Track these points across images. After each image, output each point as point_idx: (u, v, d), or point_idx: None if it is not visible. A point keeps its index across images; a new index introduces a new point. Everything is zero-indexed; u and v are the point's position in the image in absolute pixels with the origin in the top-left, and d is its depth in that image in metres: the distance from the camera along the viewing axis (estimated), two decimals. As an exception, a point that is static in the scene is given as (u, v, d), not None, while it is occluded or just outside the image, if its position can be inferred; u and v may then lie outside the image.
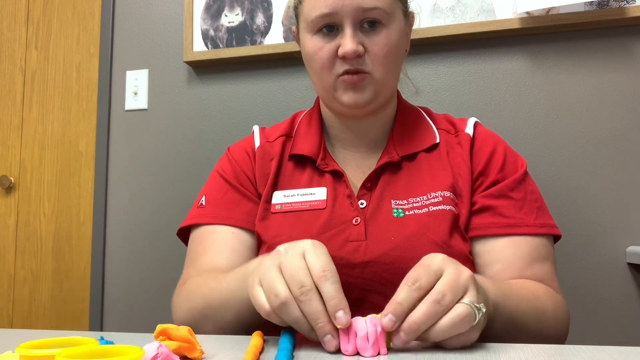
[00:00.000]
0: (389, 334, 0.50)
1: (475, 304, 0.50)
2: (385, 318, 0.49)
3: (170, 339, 0.49)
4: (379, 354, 0.49)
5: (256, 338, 0.54)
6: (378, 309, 0.69)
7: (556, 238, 0.80)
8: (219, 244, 0.79)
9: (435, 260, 0.52)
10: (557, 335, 0.71)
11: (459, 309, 0.49)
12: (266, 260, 0.55)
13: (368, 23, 0.74)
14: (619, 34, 1.33)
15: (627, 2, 1.28)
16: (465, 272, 0.52)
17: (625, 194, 1.30)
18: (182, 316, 0.73)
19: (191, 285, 0.75)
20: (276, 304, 0.50)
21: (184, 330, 0.49)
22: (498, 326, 0.60)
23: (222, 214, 0.80)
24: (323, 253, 0.53)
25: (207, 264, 0.78)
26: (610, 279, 1.29)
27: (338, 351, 0.50)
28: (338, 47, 0.74)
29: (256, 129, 0.90)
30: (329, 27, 0.75)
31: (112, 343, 0.47)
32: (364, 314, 0.71)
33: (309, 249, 0.53)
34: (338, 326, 0.49)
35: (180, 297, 0.76)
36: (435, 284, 0.50)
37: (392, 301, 0.50)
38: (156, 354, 0.42)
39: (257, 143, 0.86)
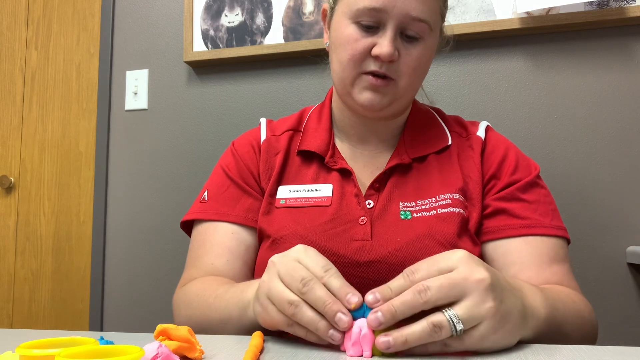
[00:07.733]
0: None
1: (454, 318, 0.46)
2: (369, 296, 0.49)
3: (170, 339, 0.49)
4: (362, 355, 0.49)
5: (256, 338, 0.54)
6: None
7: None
8: (218, 246, 0.79)
9: (448, 256, 0.49)
10: (591, 340, 0.69)
11: (433, 317, 0.46)
12: (264, 277, 0.54)
13: (408, 35, 0.73)
14: (619, 34, 1.33)
15: (627, 2, 1.28)
16: (478, 274, 0.47)
17: (626, 194, 1.30)
18: (182, 322, 0.73)
19: (191, 291, 0.75)
20: (291, 311, 0.50)
21: (184, 330, 0.49)
22: (547, 336, 0.57)
23: (222, 210, 0.81)
24: (317, 254, 0.53)
25: (207, 266, 0.79)
26: (610, 279, 1.29)
27: (339, 352, 0.50)
28: (373, 45, 0.72)
29: (263, 121, 0.89)
30: (370, 25, 0.72)
31: (112, 343, 0.47)
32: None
33: (301, 253, 0.53)
34: (352, 306, 0.48)
35: (180, 300, 0.76)
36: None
37: (384, 285, 0.49)
38: (156, 354, 0.42)
39: (263, 136, 0.86)
